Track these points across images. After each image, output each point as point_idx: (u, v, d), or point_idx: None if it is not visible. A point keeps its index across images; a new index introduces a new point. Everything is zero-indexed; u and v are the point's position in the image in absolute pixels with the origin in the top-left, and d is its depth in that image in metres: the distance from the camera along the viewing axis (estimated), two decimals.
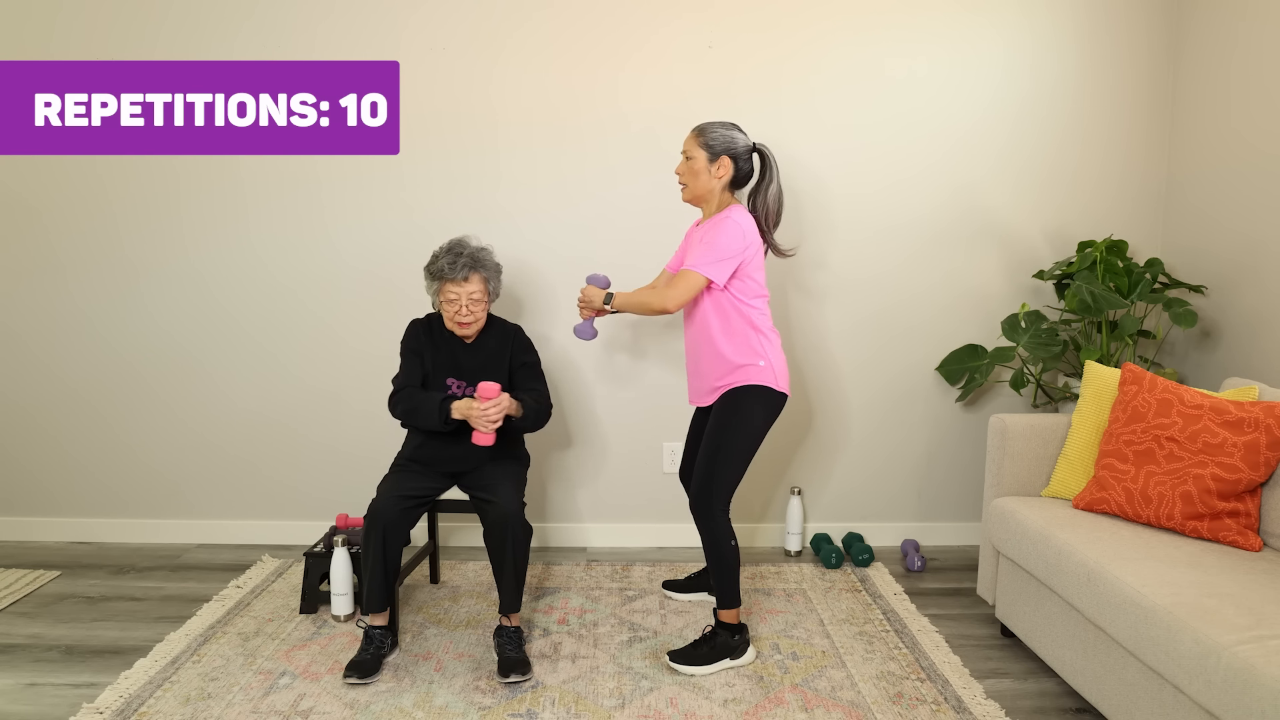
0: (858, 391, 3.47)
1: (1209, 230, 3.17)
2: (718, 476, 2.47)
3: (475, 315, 2.62)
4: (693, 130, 2.53)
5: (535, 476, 3.48)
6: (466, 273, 2.56)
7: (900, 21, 3.26)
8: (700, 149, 2.49)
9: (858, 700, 2.35)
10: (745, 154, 2.51)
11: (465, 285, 2.57)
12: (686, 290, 2.41)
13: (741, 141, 2.51)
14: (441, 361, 2.69)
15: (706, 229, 2.47)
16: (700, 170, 2.50)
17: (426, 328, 2.73)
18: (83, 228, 3.34)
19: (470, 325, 2.63)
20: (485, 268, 2.62)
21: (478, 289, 2.60)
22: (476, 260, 2.59)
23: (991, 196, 3.37)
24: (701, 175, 2.50)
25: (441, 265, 2.57)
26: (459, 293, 2.57)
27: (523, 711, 2.28)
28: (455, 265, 2.55)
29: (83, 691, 2.37)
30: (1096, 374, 2.65)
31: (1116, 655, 2.07)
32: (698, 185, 2.52)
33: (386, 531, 2.47)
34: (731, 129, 2.51)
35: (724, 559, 2.50)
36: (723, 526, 2.49)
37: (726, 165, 2.49)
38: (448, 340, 2.71)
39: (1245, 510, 2.23)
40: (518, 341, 2.75)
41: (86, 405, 3.44)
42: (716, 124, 2.51)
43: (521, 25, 3.24)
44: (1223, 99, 3.09)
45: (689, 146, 2.52)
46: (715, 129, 2.50)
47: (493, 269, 2.66)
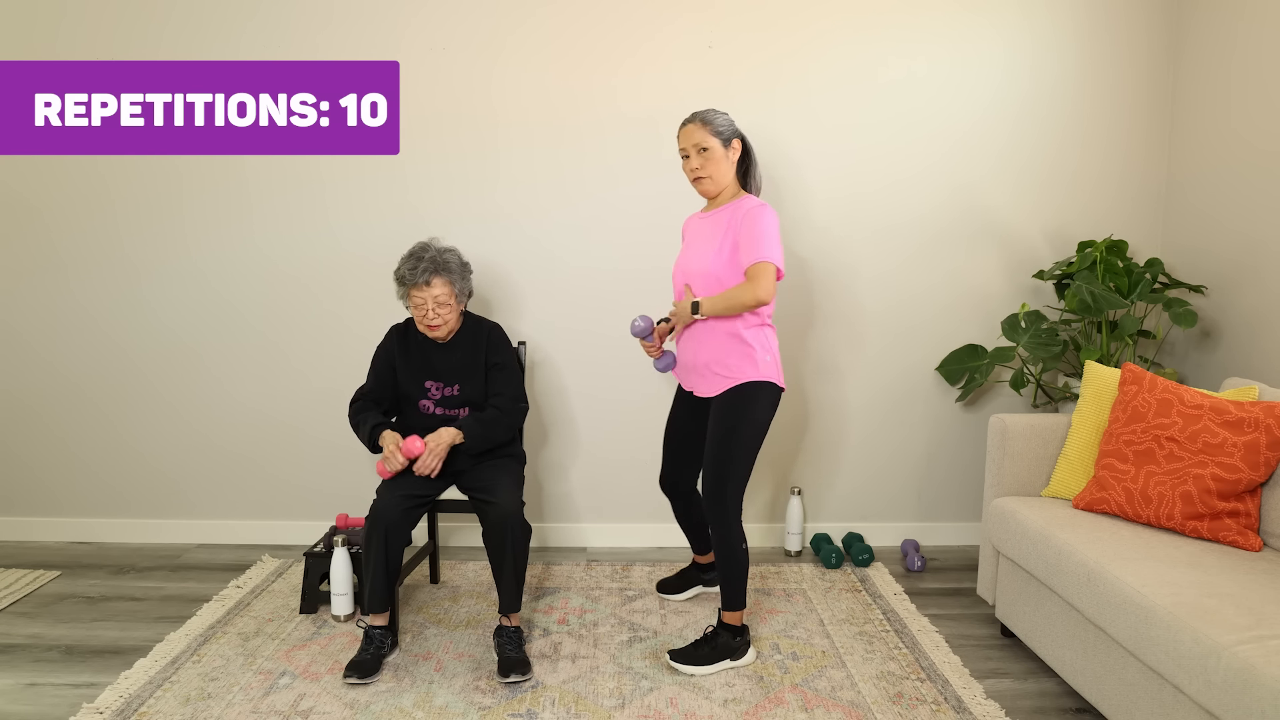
0: (858, 391, 3.47)
1: (1209, 230, 3.17)
2: (732, 478, 2.46)
3: (443, 318, 2.61)
4: (693, 123, 2.49)
5: (534, 476, 3.48)
6: (428, 277, 2.56)
7: (900, 21, 3.26)
8: (712, 137, 2.48)
9: (858, 700, 2.35)
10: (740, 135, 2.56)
11: (429, 289, 2.57)
12: (769, 279, 2.37)
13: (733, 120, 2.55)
14: (417, 365, 2.70)
15: (742, 223, 2.43)
16: (720, 158, 2.49)
17: (403, 333, 2.75)
18: (83, 227, 3.34)
19: (439, 328, 2.63)
20: (448, 270, 2.60)
21: (442, 292, 2.59)
22: (438, 264, 2.57)
23: (991, 196, 3.37)
24: (722, 163, 2.50)
25: (403, 272, 2.59)
26: (424, 297, 2.58)
27: (523, 711, 2.28)
28: (416, 271, 2.56)
29: (83, 691, 2.37)
30: (1096, 374, 2.65)
31: (1116, 655, 2.07)
32: (721, 174, 2.51)
33: (388, 532, 2.47)
34: (718, 111, 2.53)
35: (735, 561, 2.49)
36: (737, 530, 2.48)
37: (737, 146, 2.53)
38: (422, 344, 2.72)
39: (1245, 510, 2.23)
40: (491, 340, 2.73)
41: (87, 405, 3.44)
42: (712, 111, 2.52)
43: (521, 25, 3.24)
44: (1223, 99, 3.09)
45: (700, 138, 2.48)
46: (716, 116, 2.51)
47: (457, 270, 2.63)
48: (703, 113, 2.51)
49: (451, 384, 2.69)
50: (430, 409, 2.70)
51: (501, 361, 2.72)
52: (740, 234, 2.42)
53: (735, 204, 2.50)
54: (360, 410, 2.68)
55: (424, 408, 2.70)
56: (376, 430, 2.59)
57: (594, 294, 3.37)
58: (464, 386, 2.69)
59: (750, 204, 2.47)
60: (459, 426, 2.60)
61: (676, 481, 2.81)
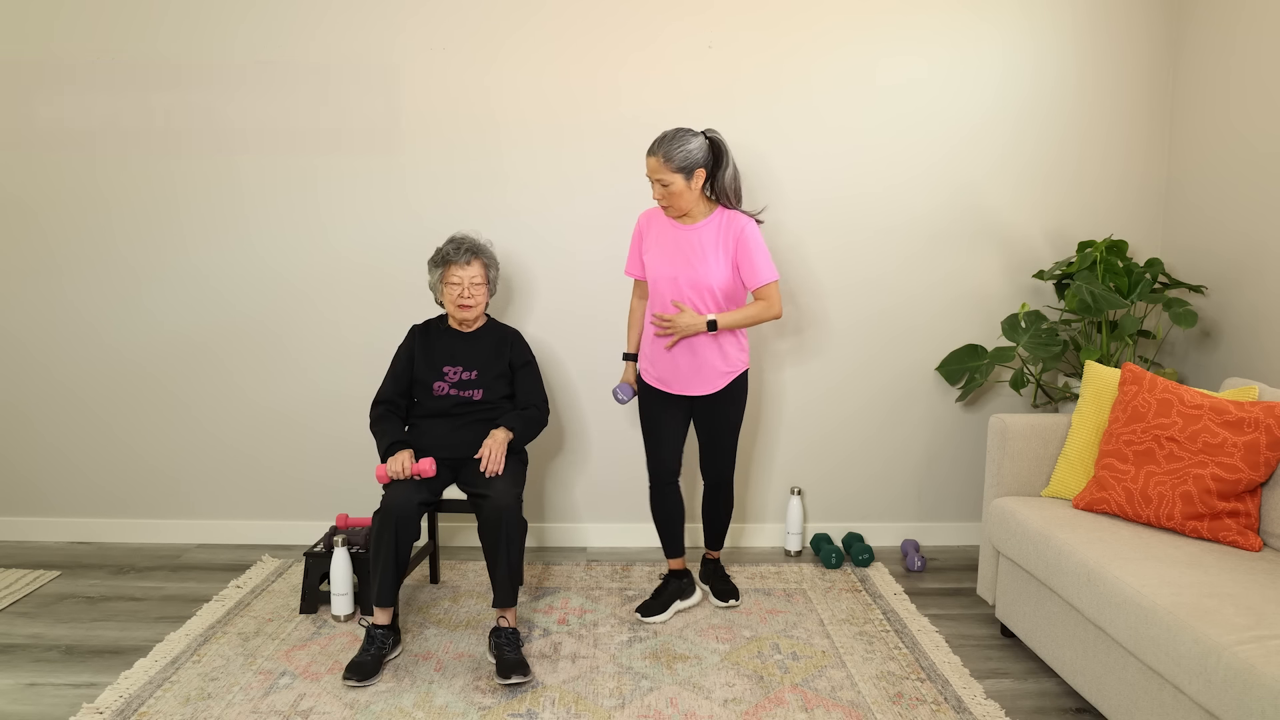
0: (858, 392, 3.47)
1: (1209, 230, 3.17)
2: (732, 456, 2.84)
3: (476, 299, 2.74)
4: (655, 156, 2.54)
5: (534, 477, 3.49)
6: (469, 257, 2.73)
7: (900, 22, 3.26)
8: (673, 173, 2.55)
9: (858, 700, 2.35)
10: (706, 156, 2.59)
11: (468, 269, 2.72)
12: (779, 296, 2.68)
13: (697, 146, 2.56)
14: (438, 353, 2.78)
15: (738, 245, 2.63)
16: (681, 190, 2.59)
17: (425, 330, 2.85)
18: (79, 228, 3.33)
19: (471, 309, 2.73)
20: (486, 255, 2.79)
21: (478, 273, 2.74)
22: (477, 248, 2.76)
23: (992, 196, 3.37)
24: (685, 193, 2.60)
25: (446, 250, 2.74)
26: (462, 276, 2.72)
27: (523, 711, 2.28)
28: (459, 250, 2.73)
29: (83, 691, 2.37)
30: (1096, 374, 2.65)
31: (1116, 655, 2.07)
32: (685, 202, 2.63)
33: (399, 525, 2.49)
34: (685, 137, 2.54)
35: (729, 515, 2.95)
36: (732, 491, 2.92)
37: (699, 175, 2.60)
38: (444, 335, 2.83)
39: (1245, 510, 2.23)
40: (517, 344, 2.85)
41: (86, 406, 3.44)
42: (672, 141, 2.53)
43: (521, 25, 3.24)
44: (1222, 99, 3.09)
45: (660, 174, 2.55)
46: (675, 149, 2.53)
47: (492, 259, 2.81)
48: (666, 145, 2.53)
49: (470, 369, 2.78)
50: (444, 389, 2.75)
51: (531, 361, 2.85)
52: (739, 256, 2.64)
53: (721, 220, 2.66)
54: (382, 418, 2.74)
55: (438, 389, 2.76)
56: (394, 448, 2.64)
57: (595, 294, 3.37)
58: (482, 373, 2.77)
59: (739, 224, 2.64)
60: (505, 424, 2.70)
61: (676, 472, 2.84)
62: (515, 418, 2.73)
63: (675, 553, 2.90)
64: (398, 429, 2.72)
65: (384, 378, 2.88)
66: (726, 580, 2.97)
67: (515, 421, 2.72)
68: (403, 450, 2.61)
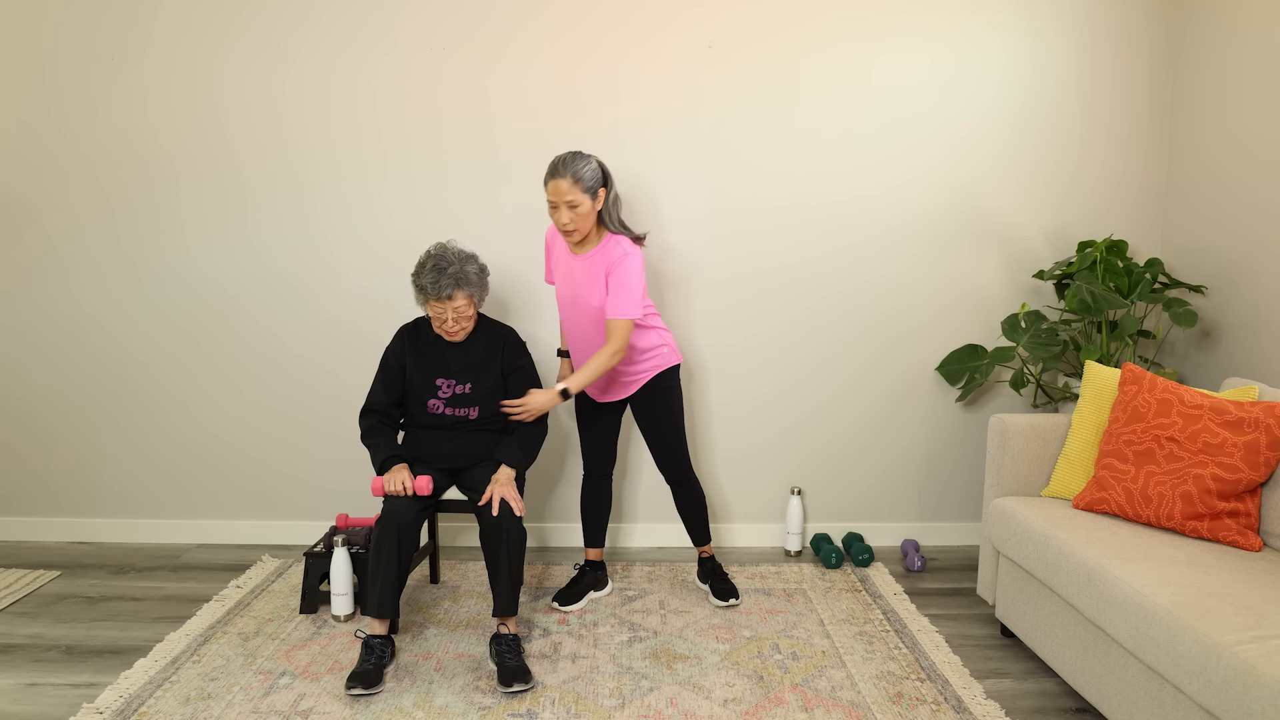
0: (858, 392, 3.47)
1: (1209, 230, 3.17)
2: (680, 451, 2.84)
3: (462, 326, 2.62)
4: (564, 178, 2.49)
5: (534, 477, 3.49)
6: (450, 291, 2.54)
7: (901, 21, 3.26)
8: (582, 193, 2.52)
9: (858, 700, 2.35)
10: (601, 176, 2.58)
11: (450, 303, 2.57)
12: (624, 335, 2.58)
13: (596, 166, 2.55)
14: (429, 362, 2.69)
15: (612, 273, 2.57)
16: (588, 211, 2.56)
17: (413, 333, 2.73)
18: (82, 227, 3.34)
19: (458, 335, 2.64)
20: (469, 284, 2.58)
21: (463, 304, 2.58)
22: (460, 278, 2.55)
23: (992, 197, 3.37)
24: (590, 215, 2.58)
25: (424, 283, 2.55)
26: (444, 308, 2.58)
27: (523, 711, 2.28)
28: (438, 285, 2.53)
29: (83, 691, 2.37)
30: (1096, 374, 2.65)
31: (1116, 655, 2.07)
32: (587, 225, 2.58)
33: (401, 532, 2.47)
34: (585, 158, 2.54)
35: (702, 508, 2.95)
36: (697, 485, 2.93)
37: (602, 195, 2.58)
38: (435, 342, 2.70)
39: (1245, 510, 2.23)
40: (510, 345, 2.73)
41: (86, 405, 3.44)
42: (575, 162, 2.51)
43: (522, 25, 3.24)
44: (1222, 99, 3.09)
45: (571, 196, 2.50)
46: (581, 169, 2.51)
47: (476, 283, 2.61)
48: (572, 165, 2.50)
49: (464, 382, 2.68)
50: (439, 408, 2.68)
51: (523, 365, 2.74)
52: (609, 284, 2.59)
53: (606, 249, 2.61)
54: (374, 429, 2.65)
55: (433, 407, 2.68)
56: (390, 461, 2.59)
57: None
58: (476, 384, 2.68)
59: (617, 253, 2.58)
60: (506, 461, 2.62)
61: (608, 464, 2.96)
62: (514, 450, 2.64)
63: (595, 543, 2.99)
64: (392, 441, 2.64)
65: (372, 383, 2.72)
66: (725, 579, 2.97)
67: (515, 454, 2.63)
68: (399, 466, 2.56)
